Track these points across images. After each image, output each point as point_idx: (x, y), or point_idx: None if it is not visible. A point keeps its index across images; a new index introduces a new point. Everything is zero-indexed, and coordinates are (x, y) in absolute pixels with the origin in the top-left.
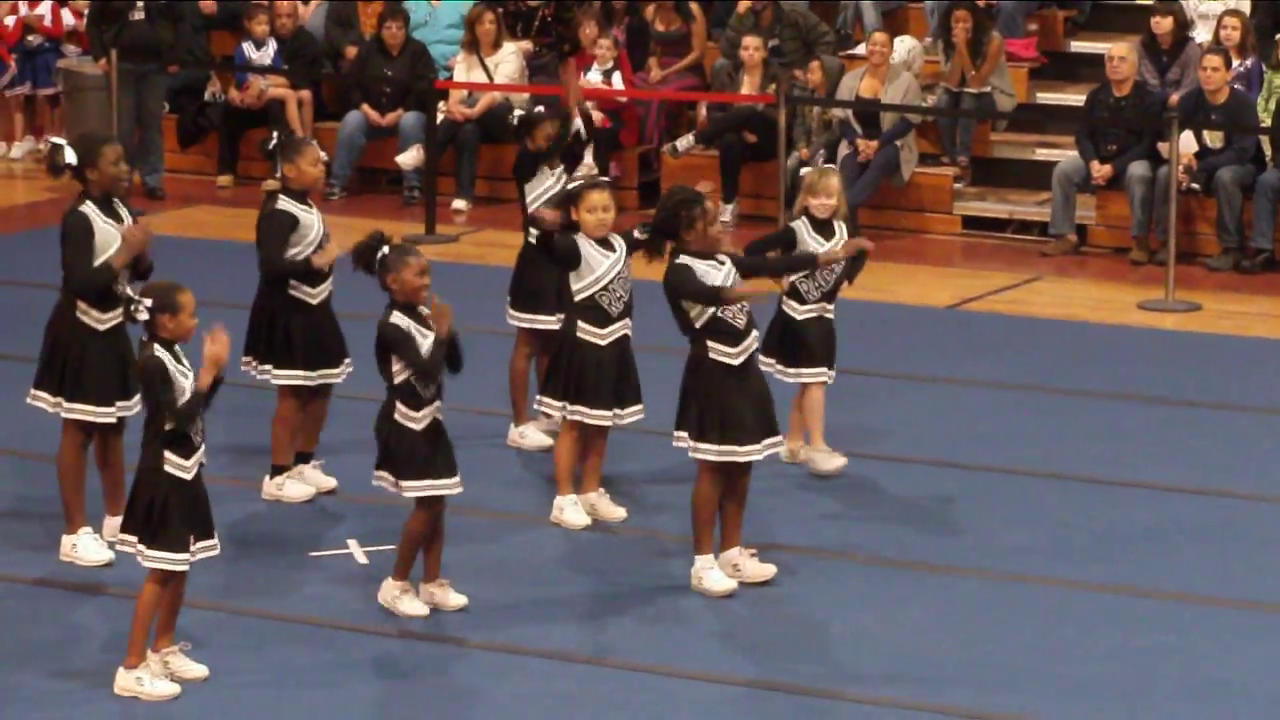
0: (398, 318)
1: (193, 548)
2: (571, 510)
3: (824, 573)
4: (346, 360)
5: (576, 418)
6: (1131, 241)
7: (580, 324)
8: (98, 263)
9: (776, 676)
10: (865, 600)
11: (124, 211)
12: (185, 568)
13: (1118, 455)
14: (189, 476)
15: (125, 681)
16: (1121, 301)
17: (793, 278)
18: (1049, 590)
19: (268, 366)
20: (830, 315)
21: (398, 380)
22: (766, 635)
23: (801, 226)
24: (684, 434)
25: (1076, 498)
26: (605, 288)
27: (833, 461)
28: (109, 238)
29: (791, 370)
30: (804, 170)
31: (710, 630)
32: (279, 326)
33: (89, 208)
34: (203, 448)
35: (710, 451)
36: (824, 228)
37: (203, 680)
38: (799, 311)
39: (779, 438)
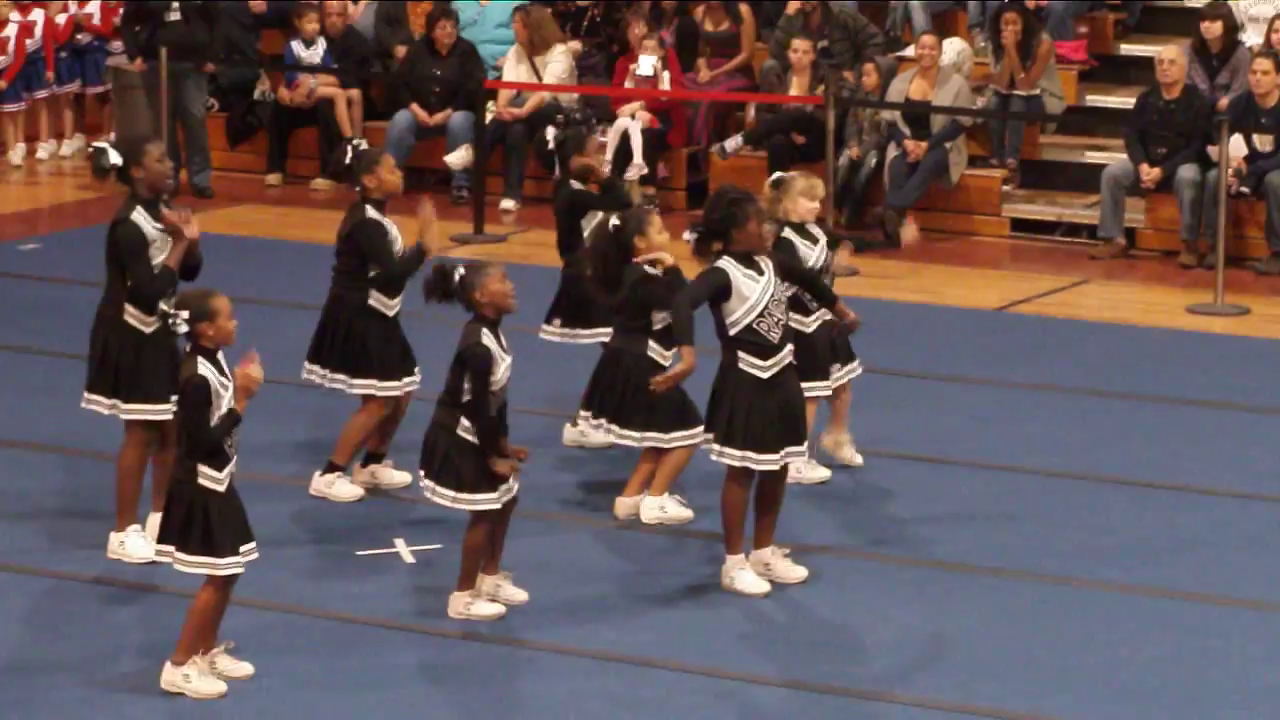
0: (488, 340)
1: (241, 549)
2: (673, 506)
3: (869, 575)
4: (416, 371)
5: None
6: (1180, 245)
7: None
8: (156, 269)
9: (822, 678)
10: (910, 602)
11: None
12: (239, 570)
13: (1166, 459)
14: (223, 489)
15: (172, 677)
16: (1170, 305)
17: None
18: (1095, 594)
19: (341, 376)
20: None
21: (466, 399)
22: (812, 637)
23: (792, 235)
24: (709, 435)
25: (1124, 501)
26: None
27: (817, 472)
28: (160, 242)
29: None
30: (785, 175)
31: (755, 631)
32: (355, 336)
33: (139, 214)
34: (235, 458)
35: (732, 456)
36: (801, 230)
37: (248, 679)
38: (806, 324)
39: (801, 447)
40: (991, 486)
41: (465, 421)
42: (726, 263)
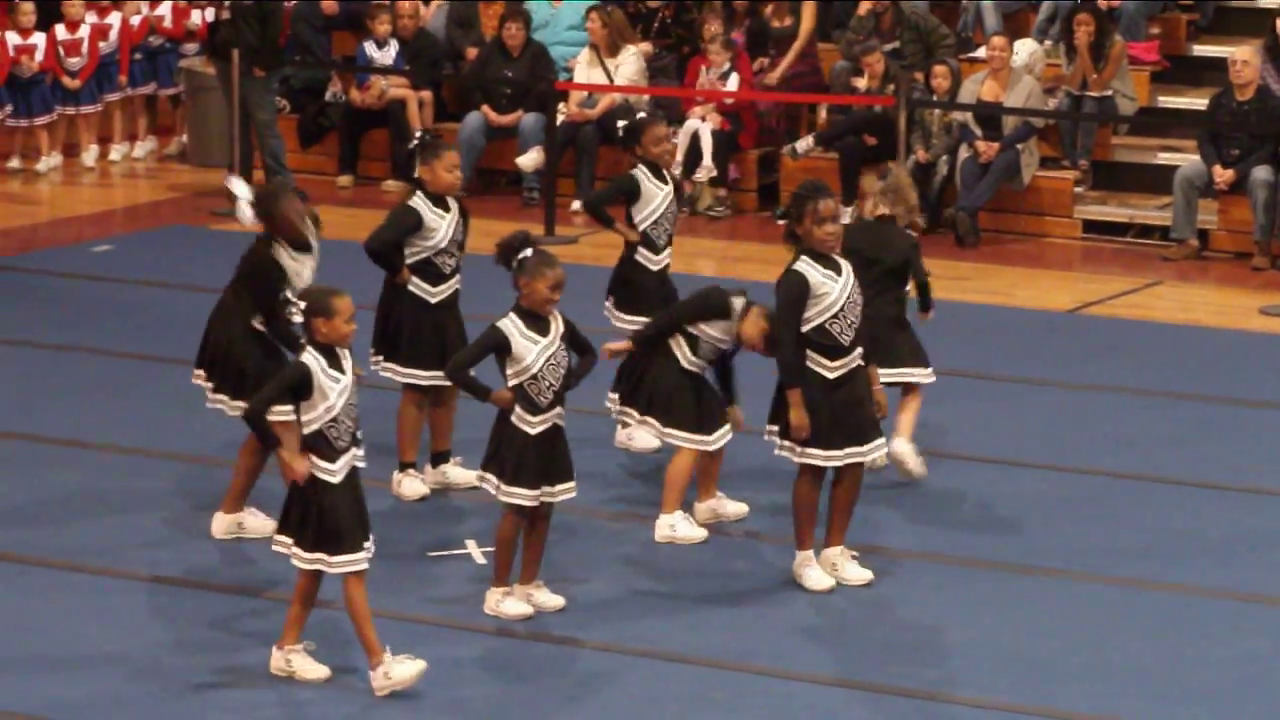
0: (508, 322)
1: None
2: (684, 525)
3: (940, 576)
4: None
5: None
6: (1253, 246)
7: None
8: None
9: (892, 679)
10: (981, 604)
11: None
12: (365, 566)
13: (1238, 460)
14: (335, 480)
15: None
16: (1243, 306)
17: None
18: (1166, 595)
19: (392, 365)
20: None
21: (511, 384)
22: (883, 638)
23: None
24: (774, 429)
25: (1197, 503)
26: (655, 221)
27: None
28: (294, 270)
29: None
30: (894, 169)
31: (826, 632)
32: (392, 322)
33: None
34: (352, 451)
35: (794, 452)
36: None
37: (324, 681)
38: None
39: (866, 446)
40: (1063, 488)
41: (519, 410)
42: (803, 265)
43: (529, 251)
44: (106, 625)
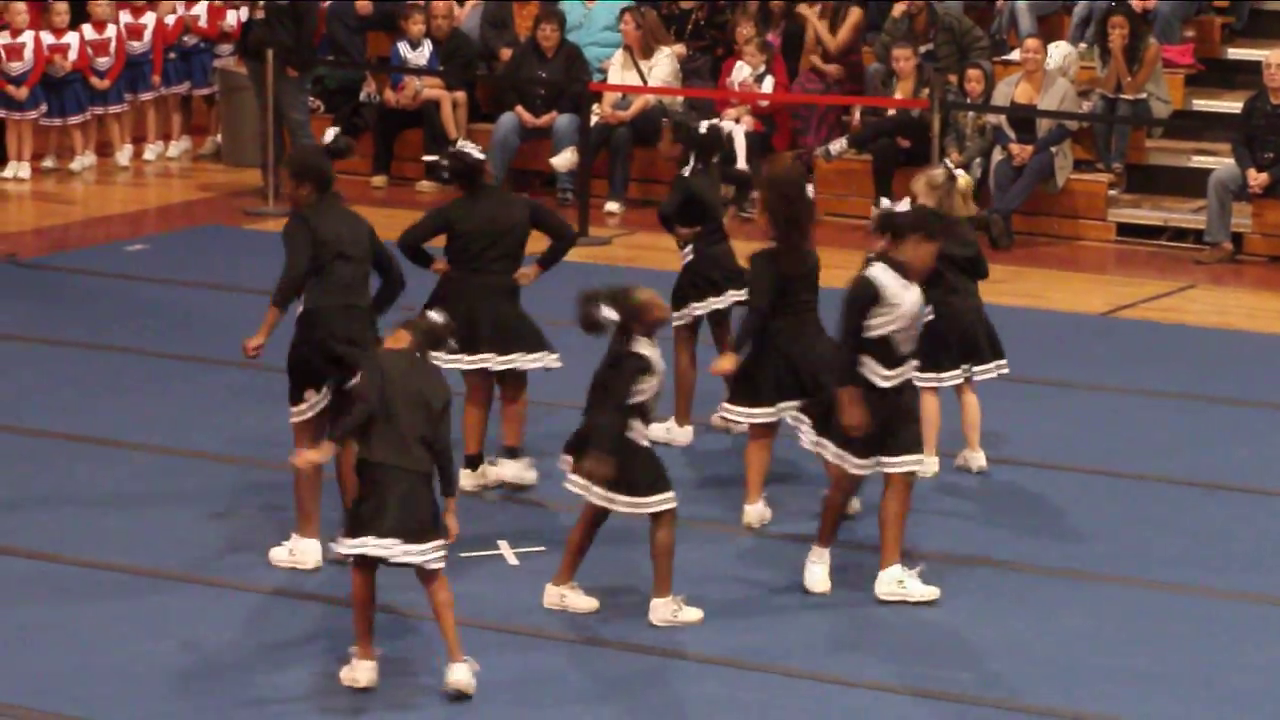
0: (645, 347)
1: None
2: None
3: (973, 580)
4: (516, 354)
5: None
6: None
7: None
8: None
9: (925, 682)
10: (1018, 608)
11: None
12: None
13: (1272, 464)
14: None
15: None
16: (1277, 310)
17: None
18: (1203, 600)
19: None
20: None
21: (634, 400)
22: (915, 641)
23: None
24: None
25: (1231, 507)
26: None
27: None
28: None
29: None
30: (952, 172)
31: (858, 635)
32: (460, 313)
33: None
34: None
35: (828, 451)
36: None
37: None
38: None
39: (899, 458)
40: (1096, 492)
41: (638, 425)
42: (879, 270)
43: (608, 312)
44: (138, 626)
